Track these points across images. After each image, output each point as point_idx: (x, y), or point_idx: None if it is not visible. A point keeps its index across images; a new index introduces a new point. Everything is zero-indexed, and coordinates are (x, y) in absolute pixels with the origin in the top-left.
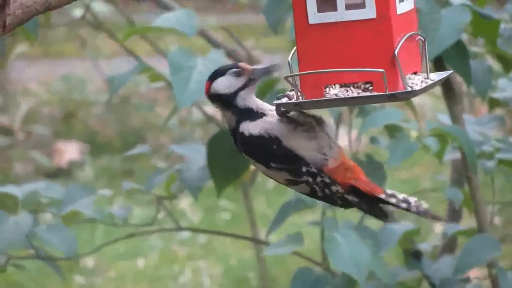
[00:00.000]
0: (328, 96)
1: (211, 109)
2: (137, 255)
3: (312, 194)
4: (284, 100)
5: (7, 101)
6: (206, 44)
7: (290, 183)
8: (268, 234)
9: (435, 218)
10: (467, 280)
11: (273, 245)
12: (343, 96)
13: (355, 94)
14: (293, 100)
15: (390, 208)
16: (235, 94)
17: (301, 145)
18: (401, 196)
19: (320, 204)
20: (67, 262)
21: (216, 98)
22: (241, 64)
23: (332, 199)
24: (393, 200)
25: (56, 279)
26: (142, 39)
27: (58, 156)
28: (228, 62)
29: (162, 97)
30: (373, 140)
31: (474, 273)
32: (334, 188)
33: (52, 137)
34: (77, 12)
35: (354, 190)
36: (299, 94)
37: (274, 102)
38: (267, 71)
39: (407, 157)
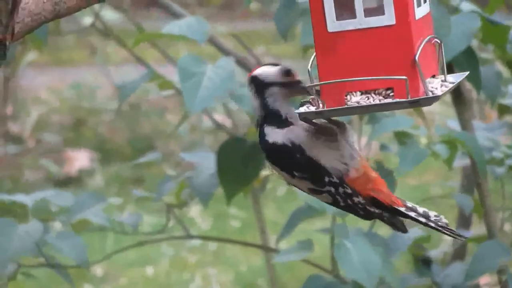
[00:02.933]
0: (349, 104)
1: (221, 117)
2: (147, 263)
3: (335, 204)
4: (305, 107)
5: (17, 109)
6: (216, 51)
7: (313, 192)
8: (278, 241)
9: (454, 233)
10: (477, 286)
11: (283, 252)
12: (365, 104)
13: (377, 101)
14: (315, 108)
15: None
16: (269, 85)
17: (324, 154)
18: (421, 210)
19: (330, 211)
20: (77, 270)
21: (253, 80)
22: (295, 71)
23: (355, 210)
24: (412, 214)
25: (66, 287)
26: (152, 46)
27: (68, 164)
28: (238, 69)
29: (172, 104)
30: (383, 146)
31: (484, 280)
32: (356, 199)
33: (62, 145)
34: (87, 19)
35: (374, 201)
36: (320, 102)
37: (295, 110)
38: (308, 92)
39: (417, 164)
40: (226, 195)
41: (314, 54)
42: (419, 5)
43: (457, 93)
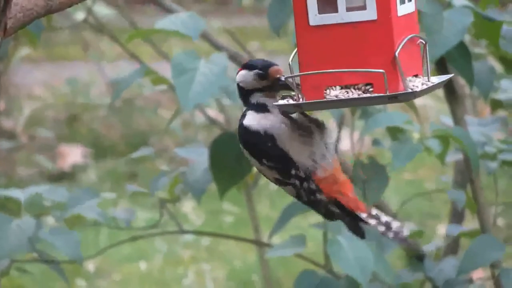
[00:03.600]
0: (328, 98)
1: (214, 112)
2: (141, 258)
3: (298, 198)
4: (286, 100)
5: (11, 105)
6: (210, 47)
7: (278, 182)
8: (271, 236)
9: (412, 247)
10: (470, 281)
11: (275, 247)
12: (343, 98)
13: (355, 96)
14: (294, 101)
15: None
16: (251, 91)
17: (295, 148)
18: (384, 219)
19: None
20: (71, 266)
21: (237, 86)
22: (272, 68)
23: (316, 207)
24: (372, 222)
25: (60, 283)
26: (145, 42)
27: (61, 159)
28: (231, 65)
29: (166, 100)
30: (375, 142)
31: (477, 274)
32: (318, 196)
33: (56, 140)
34: (79, 15)
35: (338, 204)
36: (299, 95)
37: (275, 103)
38: (289, 87)
39: (410, 159)
40: (219, 191)
41: (296, 48)
42: (402, 2)
43: (450, 88)
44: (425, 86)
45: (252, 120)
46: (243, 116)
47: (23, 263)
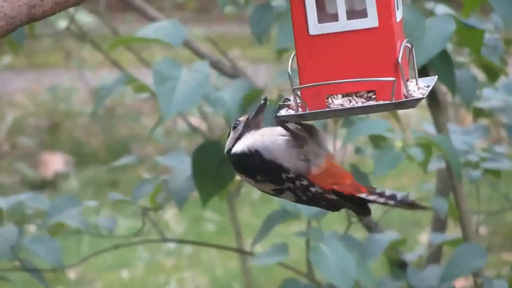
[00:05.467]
0: (333, 107)
1: (197, 120)
2: (123, 266)
3: (298, 200)
4: (285, 110)
5: None
6: (192, 55)
7: (277, 192)
8: (253, 245)
9: (422, 207)
10: None
11: (258, 256)
12: (349, 106)
13: (360, 104)
14: (295, 111)
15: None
16: (234, 144)
17: (281, 154)
18: (388, 192)
19: (306, 214)
20: (53, 274)
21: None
22: (242, 117)
23: (318, 203)
24: (372, 197)
25: None
26: (127, 49)
27: (43, 167)
28: (213, 73)
29: (148, 108)
30: (358, 150)
31: (460, 283)
32: (312, 189)
33: (38, 148)
34: (62, 23)
35: (336, 193)
36: (301, 105)
37: (274, 114)
38: (257, 112)
39: (393, 167)
40: (201, 199)
41: (293, 56)
42: (397, 8)
43: (432, 96)
44: (422, 91)
45: (237, 146)
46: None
47: (5, 272)
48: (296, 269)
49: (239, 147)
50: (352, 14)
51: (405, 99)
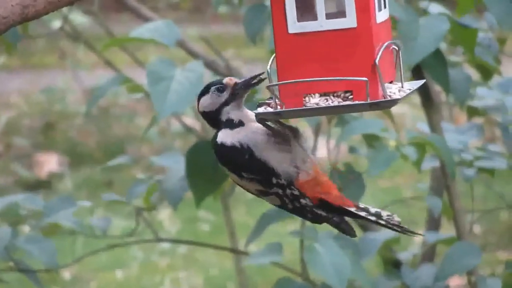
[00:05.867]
0: (308, 105)
1: (191, 120)
2: (117, 267)
3: (283, 206)
4: (263, 108)
5: None
6: (186, 55)
7: (261, 193)
8: (247, 244)
9: (407, 231)
10: None
11: (252, 255)
12: (324, 105)
13: (336, 103)
14: (272, 109)
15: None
16: (218, 110)
17: (273, 157)
18: (373, 210)
19: None
20: (47, 274)
21: (204, 115)
22: (226, 79)
23: (302, 213)
24: (363, 213)
25: None
26: (122, 50)
27: (38, 167)
28: (207, 72)
29: (142, 108)
30: (352, 149)
31: (454, 281)
32: (303, 201)
33: (32, 148)
34: (56, 23)
35: (323, 204)
36: (278, 103)
37: (254, 110)
38: (249, 83)
39: (387, 167)
40: (195, 199)
41: (274, 55)
42: (380, 9)
43: (426, 95)
44: (402, 93)
45: (226, 136)
46: (216, 136)
47: None
48: (291, 268)
49: (229, 139)
50: (332, 13)
51: (379, 100)
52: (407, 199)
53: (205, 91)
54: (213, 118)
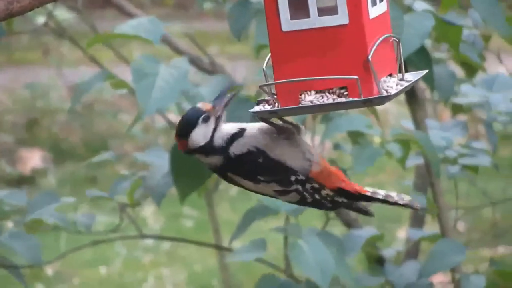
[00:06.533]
0: (303, 103)
1: (175, 116)
2: (101, 263)
3: (302, 201)
4: (262, 106)
5: None
6: (171, 51)
7: (279, 193)
8: (231, 241)
9: (420, 208)
10: (431, 285)
11: (236, 252)
12: (318, 103)
13: (331, 101)
14: (269, 108)
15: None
16: (212, 138)
17: (286, 153)
18: (382, 192)
19: (284, 210)
20: (30, 270)
21: (197, 151)
22: (201, 106)
23: (321, 203)
24: (379, 196)
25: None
26: (106, 46)
27: (21, 163)
28: (192, 69)
29: (126, 104)
30: (336, 146)
31: (438, 278)
32: (323, 192)
33: (15, 144)
34: (40, 19)
35: (340, 192)
36: (274, 101)
37: (250, 110)
38: (227, 102)
39: (371, 164)
40: (179, 195)
41: (270, 54)
42: (374, 4)
43: (410, 92)
44: (400, 87)
45: (236, 147)
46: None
47: None
48: (275, 265)
49: (237, 148)
50: (324, 11)
51: (373, 97)
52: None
53: (190, 127)
54: (209, 148)
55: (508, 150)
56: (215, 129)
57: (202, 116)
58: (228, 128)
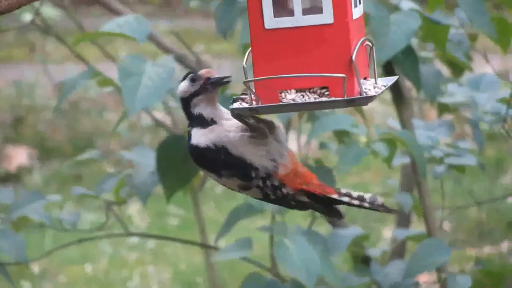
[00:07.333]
0: (285, 101)
1: (161, 115)
2: (86, 261)
3: (265, 198)
4: (239, 103)
5: None
6: (156, 49)
7: (242, 188)
8: (217, 239)
9: (390, 211)
10: (416, 285)
11: (222, 250)
12: (300, 102)
13: (312, 100)
14: (248, 105)
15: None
16: (189, 99)
17: (250, 151)
18: (355, 194)
19: (270, 209)
20: (16, 268)
21: (181, 102)
22: (203, 70)
23: (286, 202)
24: (345, 199)
25: (4, 284)
26: (92, 43)
27: (7, 161)
28: (178, 67)
29: (112, 102)
30: (322, 145)
31: (424, 278)
32: (284, 190)
33: (1, 142)
34: (26, 16)
35: (306, 194)
36: (254, 98)
37: (230, 106)
38: (220, 81)
39: (357, 163)
40: (165, 193)
41: (249, 50)
42: (355, 5)
43: (397, 91)
44: (377, 90)
45: (199, 137)
46: (189, 136)
47: None
48: (260, 264)
49: (202, 141)
50: (308, 9)
51: (356, 97)
52: (376, 195)
53: (183, 78)
54: (185, 107)
55: (494, 150)
56: (195, 94)
57: (191, 75)
58: (211, 109)
